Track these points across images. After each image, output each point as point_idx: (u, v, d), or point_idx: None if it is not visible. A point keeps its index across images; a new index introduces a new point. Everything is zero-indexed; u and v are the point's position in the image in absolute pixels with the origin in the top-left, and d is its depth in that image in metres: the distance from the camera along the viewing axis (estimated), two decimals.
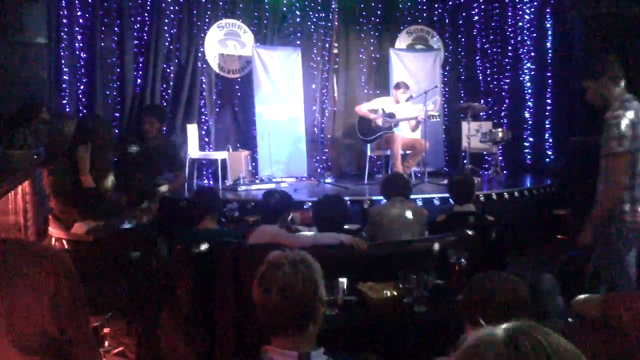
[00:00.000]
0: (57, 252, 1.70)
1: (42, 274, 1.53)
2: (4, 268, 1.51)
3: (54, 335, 1.53)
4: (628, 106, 3.32)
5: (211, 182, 8.03)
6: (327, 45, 9.11)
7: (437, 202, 6.49)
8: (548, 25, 8.61)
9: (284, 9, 8.85)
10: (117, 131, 7.63)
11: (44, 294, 1.52)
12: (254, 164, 8.27)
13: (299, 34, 8.93)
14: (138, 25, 7.98)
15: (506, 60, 9.18)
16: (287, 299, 1.69)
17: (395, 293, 3.04)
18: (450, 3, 9.36)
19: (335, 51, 9.15)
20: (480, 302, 1.98)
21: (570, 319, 2.70)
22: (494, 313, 1.88)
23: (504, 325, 1.01)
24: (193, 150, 7.56)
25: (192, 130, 7.67)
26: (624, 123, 3.24)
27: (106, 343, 3.96)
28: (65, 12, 7.38)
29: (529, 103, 8.91)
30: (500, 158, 8.43)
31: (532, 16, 8.83)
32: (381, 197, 5.19)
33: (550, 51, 8.57)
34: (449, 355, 2.01)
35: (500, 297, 1.97)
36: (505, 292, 1.98)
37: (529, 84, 8.92)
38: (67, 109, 7.37)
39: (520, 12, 8.98)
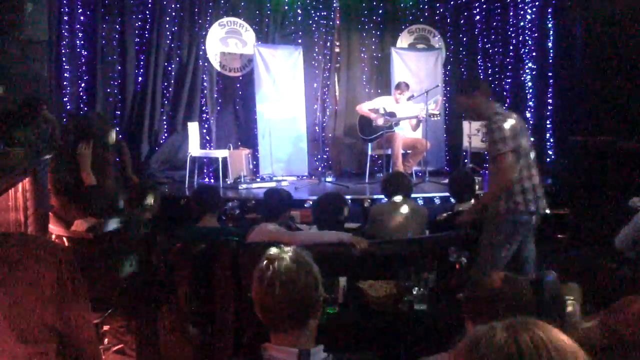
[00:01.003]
0: (59, 246, 1.70)
1: (45, 267, 1.53)
2: (7, 261, 1.52)
3: (56, 327, 1.54)
4: (504, 114, 3.84)
5: (212, 180, 8.03)
6: (328, 44, 9.09)
7: (437, 201, 6.50)
8: (549, 25, 8.59)
9: (286, 7, 8.84)
10: (118, 129, 7.64)
11: (46, 287, 1.52)
12: (254, 162, 8.27)
13: (300, 33, 8.92)
14: (139, 23, 7.99)
15: (507, 60, 9.16)
16: (290, 293, 1.69)
17: (395, 291, 3.04)
18: (451, 2, 9.34)
19: (337, 50, 9.14)
20: (481, 299, 1.98)
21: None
22: (496, 311, 1.88)
23: (504, 322, 1.00)
24: (194, 148, 7.56)
25: (193, 128, 7.66)
26: (505, 127, 3.69)
27: (106, 340, 3.96)
28: (67, 10, 7.40)
29: (530, 103, 8.89)
30: None
31: (533, 16, 8.81)
32: (382, 196, 5.19)
33: (551, 51, 8.55)
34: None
35: (502, 295, 1.97)
36: (507, 290, 1.98)
37: (530, 84, 8.89)
38: (68, 107, 7.38)
39: (522, 12, 8.95)
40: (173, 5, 8.12)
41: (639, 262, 3.94)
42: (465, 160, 7.65)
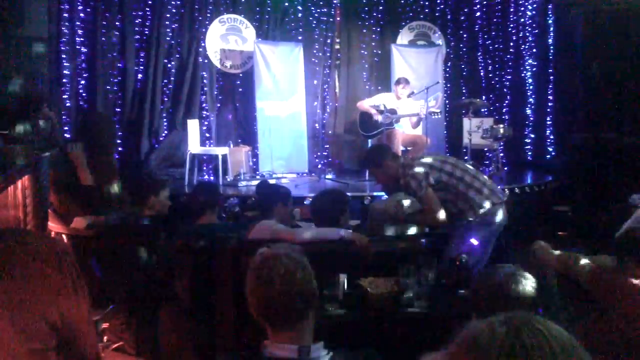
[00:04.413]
0: (59, 242, 1.70)
1: (45, 263, 1.53)
2: (7, 258, 1.51)
3: (56, 324, 1.53)
4: (413, 165, 4.04)
5: (212, 178, 8.01)
6: (328, 41, 9.08)
7: None
8: (550, 21, 8.59)
9: (286, 4, 8.83)
10: (118, 126, 7.63)
11: (47, 283, 1.52)
12: (254, 159, 8.26)
13: (300, 30, 8.91)
14: (139, 20, 7.98)
15: (508, 56, 9.17)
16: (290, 286, 1.72)
17: (395, 288, 3.03)
18: None
19: (337, 47, 9.13)
20: (488, 295, 1.98)
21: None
22: (502, 306, 1.88)
23: (502, 317, 1.00)
24: (194, 145, 7.54)
25: (193, 125, 7.65)
26: (418, 173, 3.93)
27: (105, 338, 3.95)
28: (66, 7, 7.38)
29: (531, 99, 8.90)
30: (502, 154, 8.41)
31: (533, 12, 8.81)
32: (382, 193, 5.19)
33: (552, 47, 8.55)
34: None
35: (508, 290, 1.97)
36: (513, 285, 1.98)
37: (530, 80, 8.90)
38: (68, 104, 7.37)
39: (522, 9, 8.96)
40: (173, 2, 8.11)
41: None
42: (466, 157, 7.63)
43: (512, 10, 9.10)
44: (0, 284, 1.50)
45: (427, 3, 9.32)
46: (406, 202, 4.36)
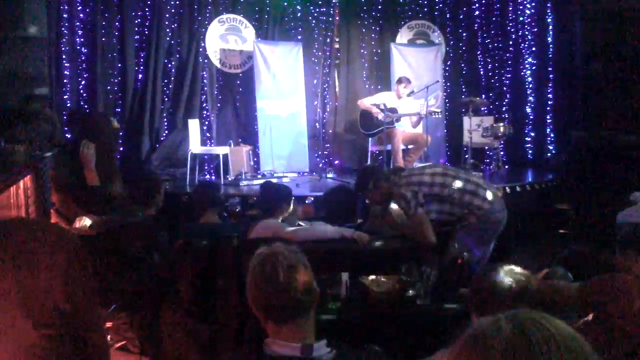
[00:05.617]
0: (67, 231, 1.71)
1: (54, 250, 1.55)
2: (17, 244, 1.53)
3: (66, 311, 1.55)
4: (401, 185, 4.00)
5: (213, 177, 8.03)
6: (328, 40, 9.09)
7: None
8: (549, 20, 8.60)
9: (285, 3, 8.83)
10: (119, 126, 7.64)
11: (56, 270, 1.53)
12: (255, 159, 8.27)
13: (300, 29, 8.91)
14: (139, 20, 7.98)
15: (507, 55, 9.17)
16: (294, 279, 1.73)
17: (397, 286, 3.04)
18: None
19: (337, 46, 9.13)
20: (487, 293, 1.99)
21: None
22: (502, 304, 1.89)
23: (507, 314, 1.00)
24: (195, 145, 7.55)
25: (193, 125, 7.66)
26: (405, 193, 3.90)
27: (108, 337, 3.97)
28: (66, 7, 7.39)
29: (530, 98, 8.90)
30: (502, 153, 8.42)
31: (533, 11, 8.81)
32: None
33: (551, 46, 8.56)
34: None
35: (508, 288, 1.97)
36: (513, 283, 1.99)
37: (530, 78, 8.90)
38: (69, 104, 7.38)
39: (521, 7, 8.96)
40: (172, 2, 8.11)
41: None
42: (466, 156, 7.64)
43: (511, 8, 9.10)
44: (11, 270, 1.52)
45: (426, 2, 9.32)
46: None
